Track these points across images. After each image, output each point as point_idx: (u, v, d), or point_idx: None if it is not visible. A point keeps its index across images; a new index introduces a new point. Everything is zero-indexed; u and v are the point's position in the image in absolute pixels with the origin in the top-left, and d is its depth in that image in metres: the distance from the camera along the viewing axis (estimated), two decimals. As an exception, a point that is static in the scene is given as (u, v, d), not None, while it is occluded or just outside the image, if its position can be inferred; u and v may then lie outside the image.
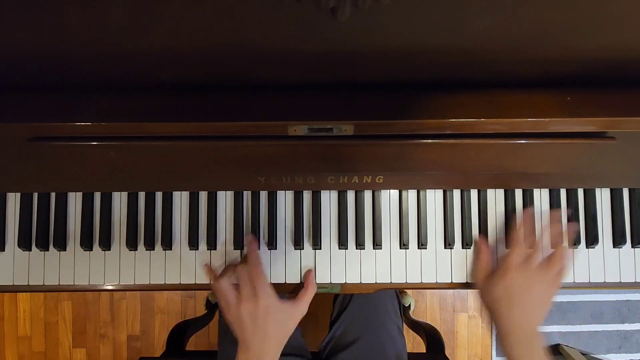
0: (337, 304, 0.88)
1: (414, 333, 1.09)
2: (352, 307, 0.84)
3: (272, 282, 0.70)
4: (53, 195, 0.70)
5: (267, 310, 0.60)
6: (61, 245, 0.69)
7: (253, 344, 0.60)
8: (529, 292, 0.60)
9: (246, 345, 0.60)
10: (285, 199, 0.70)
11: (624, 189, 0.70)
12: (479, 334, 1.51)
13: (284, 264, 0.70)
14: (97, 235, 0.70)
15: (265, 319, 0.60)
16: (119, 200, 0.70)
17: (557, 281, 0.63)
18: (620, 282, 0.69)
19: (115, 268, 0.70)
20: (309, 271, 0.69)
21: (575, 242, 0.69)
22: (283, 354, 0.78)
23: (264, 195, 0.70)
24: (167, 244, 0.69)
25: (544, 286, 0.61)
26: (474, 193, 0.70)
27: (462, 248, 0.70)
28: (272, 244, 0.69)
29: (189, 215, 0.70)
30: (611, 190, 0.70)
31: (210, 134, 0.55)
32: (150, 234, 0.69)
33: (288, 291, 0.70)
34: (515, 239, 0.64)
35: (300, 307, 0.64)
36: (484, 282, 0.64)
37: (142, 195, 0.70)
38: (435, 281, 0.70)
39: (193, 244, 0.69)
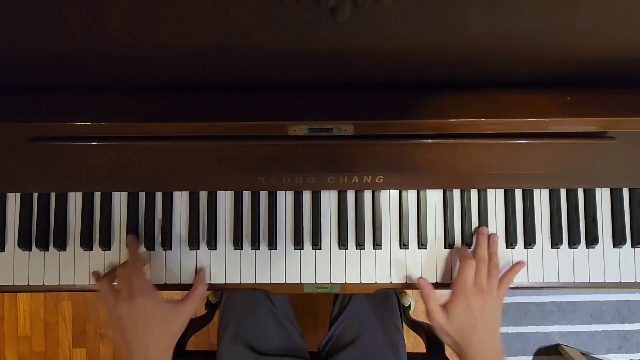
0: (337, 303, 0.88)
1: (414, 333, 1.09)
2: (352, 306, 0.84)
3: (272, 282, 0.70)
4: (53, 195, 0.70)
5: (145, 309, 0.58)
6: (61, 245, 0.69)
7: (136, 347, 0.57)
8: (486, 308, 0.61)
9: (129, 348, 0.57)
10: (285, 199, 0.70)
11: (624, 189, 0.70)
12: (479, 334, 1.51)
13: (283, 264, 0.70)
14: (97, 235, 0.70)
15: (144, 319, 0.57)
16: (119, 200, 0.70)
17: (504, 290, 0.65)
18: (620, 282, 0.69)
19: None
20: (201, 269, 0.68)
21: (575, 242, 0.69)
22: (281, 355, 0.78)
23: (264, 195, 0.70)
24: (167, 244, 0.69)
25: (494, 298, 0.63)
26: (474, 193, 0.70)
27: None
28: (272, 244, 0.69)
29: (189, 215, 0.70)
30: (611, 190, 0.70)
31: (210, 134, 0.55)
32: (150, 234, 0.69)
33: (288, 292, 0.70)
34: (462, 260, 0.65)
35: (186, 306, 0.62)
36: (443, 314, 0.63)
37: (142, 195, 0.70)
38: (435, 281, 0.70)
39: (193, 244, 0.69)
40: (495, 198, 0.70)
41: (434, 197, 0.70)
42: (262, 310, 0.81)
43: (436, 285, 0.70)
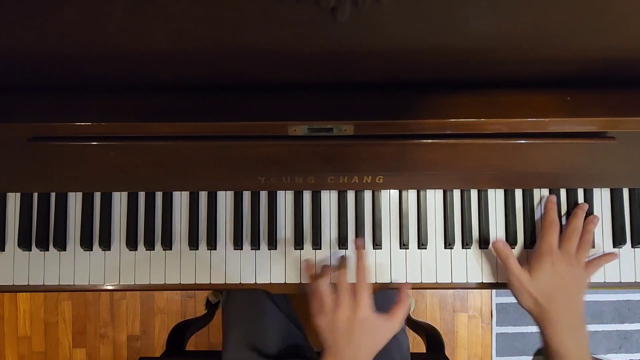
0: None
1: (414, 333, 1.09)
2: None
3: (272, 282, 0.70)
4: (53, 195, 0.70)
5: (364, 323, 0.58)
6: (61, 245, 0.69)
7: (344, 354, 0.58)
8: (572, 273, 0.59)
9: (336, 353, 0.58)
10: (285, 199, 0.70)
11: (624, 189, 0.70)
12: (479, 334, 1.51)
13: (283, 264, 0.70)
14: (97, 235, 0.70)
15: (360, 332, 0.58)
16: (119, 200, 0.70)
17: (592, 270, 0.63)
18: (620, 282, 0.69)
19: (115, 268, 0.70)
20: (402, 285, 0.65)
21: (575, 242, 0.69)
22: (287, 356, 0.78)
23: (264, 195, 0.70)
24: (167, 244, 0.69)
25: (581, 268, 0.61)
26: (474, 193, 0.70)
27: (462, 248, 0.70)
28: (272, 244, 0.69)
29: (189, 215, 0.70)
30: (611, 190, 0.70)
31: (210, 134, 0.55)
32: (150, 234, 0.69)
33: (288, 291, 0.70)
34: (551, 222, 0.63)
35: (394, 323, 0.61)
36: (526, 273, 0.61)
37: (142, 195, 0.70)
38: (435, 281, 0.70)
39: (193, 244, 0.69)
40: (495, 198, 0.70)
41: (434, 197, 0.70)
42: (266, 312, 0.81)
43: (436, 285, 0.70)
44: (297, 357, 0.79)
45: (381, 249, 0.70)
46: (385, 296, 0.84)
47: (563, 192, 0.70)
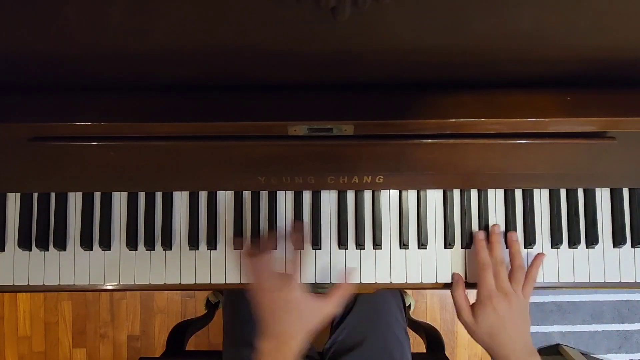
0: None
1: (414, 333, 1.09)
2: (356, 308, 0.83)
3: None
4: (53, 195, 0.70)
5: (296, 302, 0.59)
6: (61, 245, 0.69)
7: (273, 331, 0.59)
8: (512, 309, 0.62)
9: (265, 329, 0.59)
10: (285, 199, 0.70)
11: (624, 189, 0.70)
12: (479, 334, 1.51)
13: (284, 264, 0.70)
14: (97, 235, 0.70)
15: (286, 311, 0.59)
16: (119, 200, 0.70)
17: (530, 288, 0.65)
18: (620, 282, 0.70)
19: (115, 268, 0.70)
20: (351, 270, 0.67)
21: (575, 242, 0.69)
22: None
23: (264, 195, 0.70)
24: (167, 244, 0.69)
25: (520, 298, 0.63)
26: (474, 193, 0.70)
27: (462, 248, 0.70)
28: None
29: (189, 215, 0.70)
30: (611, 190, 0.70)
31: (210, 134, 0.55)
32: (150, 234, 0.69)
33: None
34: (482, 264, 0.65)
35: (327, 306, 0.62)
36: (471, 315, 0.64)
37: (142, 195, 0.70)
38: (435, 281, 0.70)
39: (193, 244, 0.69)
40: (495, 198, 0.70)
41: (434, 197, 0.70)
42: None
43: (436, 285, 0.70)
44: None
45: (381, 249, 0.70)
46: (386, 296, 0.85)
47: (563, 192, 0.70)
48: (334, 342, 0.83)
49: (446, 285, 0.70)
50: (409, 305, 1.42)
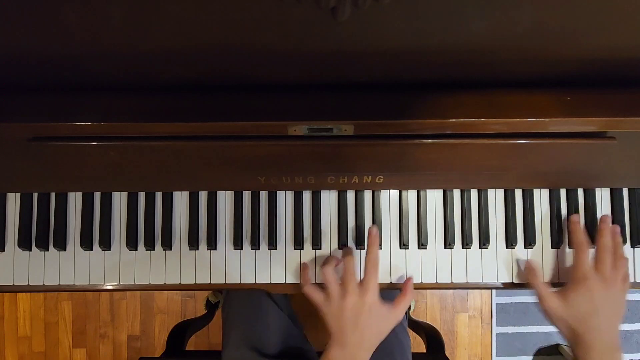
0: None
1: (414, 333, 1.09)
2: None
3: (272, 282, 0.70)
4: (53, 195, 0.70)
5: (371, 309, 0.59)
6: (61, 245, 0.69)
7: (350, 342, 0.58)
8: (609, 292, 0.58)
9: (342, 341, 0.59)
10: (285, 199, 0.70)
11: (624, 189, 0.70)
12: (479, 334, 1.51)
13: (283, 264, 0.70)
14: (97, 235, 0.70)
15: (367, 317, 0.58)
16: (119, 200, 0.70)
17: (627, 282, 0.61)
18: (620, 282, 0.69)
19: (115, 268, 0.70)
20: (408, 278, 0.66)
21: (575, 242, 0.69)
22: (287, 356, 0.78)
23: (264, 195, 0.70)
24: (167, 244, 0.69)
25: (618, 288, 0.60)
26: (474, 193, 0.70)
27: (462, 248, 0.70)
28: (272, 244, 0.69)
29: (189, 215, 0.70)
30: (611, 190, 0.70)
31: (210, 134, 0.55)
32: (150, 234, 0.69)
33: (288, 292, 0.70)
34: (579, 244, 0.62)
35: (397, 312, 0.62)
36: (559, 299, 0.60)
37: (142, 195, 0.70)
38: (435, 281, 0.70)
39: (193, 244, 0.69)
40: (495, 198, 0.70)
41: (434, 197, 0.70)
42: (267, 312, 0.81)
43: (436, 285, 0.70)
44: (298, 358, 0.79)
45: (381, 249, 0.70)
46: (386, 296, 0.85)
47: (563, 192, 0.70)
48: None
49: (444, 286, 0.70)
50: (409, 305, 1.42)
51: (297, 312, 0.89)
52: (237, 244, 0.70)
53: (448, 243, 0.69)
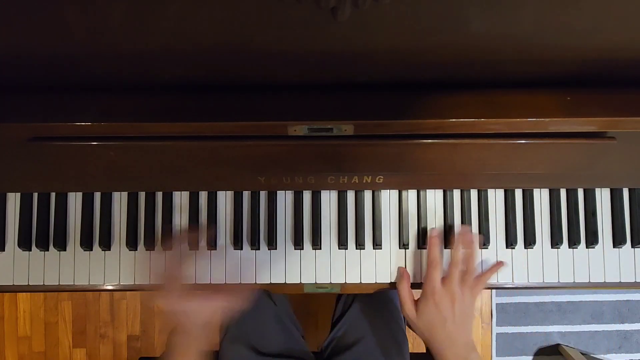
0: (339, 303, 0.88)
1: (414, 333, 1.09)
2: (355, 307, 0.84)
3: (272, 282, 0.70)
4: (53, 195, 0.70)
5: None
6: (61, 245, 0.69)
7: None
8: (454, 305, 0.62)
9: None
10: (285, 199, 0.70)
11: (624, 189, 0.70)
12: (479, 334, 1.51)
13: (283, 264, 0.70)
14: (97, 235, 0.70)
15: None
16: (119, 200, 0.70)
17: (478, 290, 0.65)
18: (620, 282, 0.69)
19: (115, 268, 0.70)
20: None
21: (575, 242, 0.69)
22: (283, 356, 0.78)
23: (263, 195, 0.70)
24: (167, 244, 0.69)
25: (465, 300, 0.63)
26: (474, 193, 0.70)
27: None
28: (272, 244, 0.69)
29: (189, 216, 0.70)
30: (611, 190, 0.70)
31: (210, 134, 0.55)
32: (150, 234, 0.69)
33: (288, 292, 0.70)
34: (431, 260, 0.65)
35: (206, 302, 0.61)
36: (414, 308, 0.64)
37: (142, 195, 0.70)
38: (435, 281, 0.70)
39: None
40: (495, 198, 0.70)
41: (434, 197, 0.70)
42: (264, 311, 0.81)
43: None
44: (295, 358, 0.79)
45: (381, 249, 0.70)
46: (384, 296, 0.85)
47: (563, 192, 0.70)
48: (333, 338, 0.83)
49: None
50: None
51: (296, 312, 0.89)
52: (237, 244, 0.70)
53: (448, 243, 0.69)
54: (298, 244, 0.69)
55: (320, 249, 0.70)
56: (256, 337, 0.78)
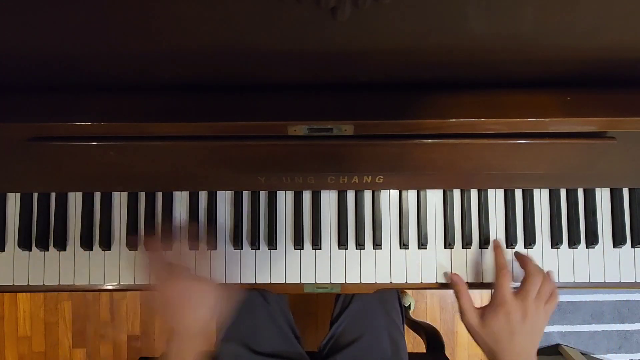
0: (338, 303, 0.88)
1: (414, 333, 1.09)
2: (353, 306, 0.84)
3: (272, 282, 0.70)
4: (53, 195, 0.70)
5: (190, 285, 0.58)
6: (61, 245, 0.69)
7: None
8: (527, 319, 0.60)
9: (170, 328, 0.58)
10: (285, 199, 0.70)
11: (624, 189, 0.70)
12: (479, 334, 1.51)
13: (284, 264, 0.70)
14: (97, 235, 0.70)
15: (188, 296, 0.58)
16: (119, 200, 0.70)
17: (551, 308, 0.62)
18: (620, 282, 0.70)
19: (115, 268, 0.70)
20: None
21: (575, 242, 0.69)
22: (278, 356, 0.78)
23: (263, 195, 0.70)
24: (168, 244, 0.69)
25: (540, 313, 0.61)
26: (474, 193, 0.70)
27: (462, 248, 0.70)
28: (272, 244, 0.69)
29: (189, 216, 0.70)
30: (611, 190, 0.70)
31: (210, 134, 0.55)
32: (150, 234, 0.69)
33: (288, 292, 0.70)
34: (500, 268, 0.64)
35: (215, 286, 0.60)
36: (478, 317, 0.62)
37: (142, 195, 0.70)
38: (435, 281, 0.70)
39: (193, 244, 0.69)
40: (496, 198, 0.70)
41: (434, 197, 0.70)
42: (257, 309, 0.81)
43: (436, 285, 0.70)
44: (287, 358, 0.79)
45: (381, 249, 0.70)
46: (383, 296, 0.85)
47: (563, 192, 0.70)
48: (331, 337, 0.84)
49: (445, 285, 0.70)
50: (409, 305, 1.42)
51: (294, 312, 0.89)
52: (237, 244, 0.70)
53: (448, 243, 0.69)
54: (298, 244, 0.69)
55: (320, 249, 0.70)
56: (249, 335, 0.79)
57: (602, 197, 0.70)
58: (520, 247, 0.70)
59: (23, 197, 0.70)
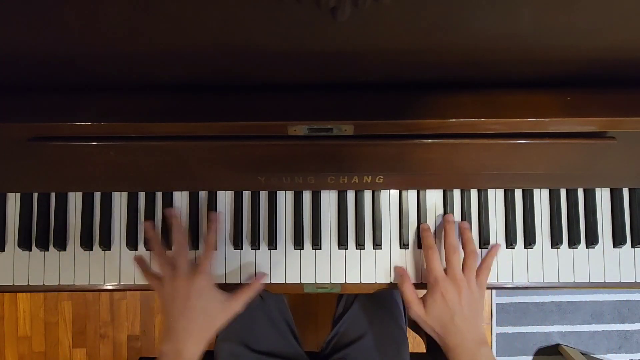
0: (341, 302, 0.88)
1: (414, 333, 1.09)
2: (356, 305, 0.84)
3: (272, 282, 0.70)
4: (53, 195, 0.70)
5: (201, 290, 0.59)
6: (61, 245, 0.69)
7: (178, 326, 0.57)
8: (462, 297, 0.60)
9: (169, 326, 0.58)
10: (285, 199, 0.70)
11: (624, 189, 0.70)
12: (479, 334, 1.51)
13: (284, 264, 0.70)
14: (97, 235, 0.70)
15: (196, 299, 0.58)
16: (119, 200, 0.70)
17: (484, 277, 0.63)
18: (620, 282, 0.70)
19: (115, 268, 0.70)
20: (261, 273, 0.68)
21: (575, 242, 0.69)
22: (276, 356, 0.78)
23: (264, 195, 0.70)
24: (167, 244, 0.69)
25: (472, 287, 0.61)
26: (473, 193, 0.70)
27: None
28: (272, 244, 0.69)
29: (189, 216, 0.70)
30: (611, 190, 0.70)
31: (210, 134, 0.55)
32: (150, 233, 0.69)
33: (288, 292, 0.70)
34: (427, 248, 0.64)
35: (235, 303, 0.62)
36: (421, 306, 0.62)
37: (142, 195, 0.70)
38: (435, 281, 0.70)
39: (193, 244, 0.69)
40: (495, 198, 0.70)
41: (434, 197, 0.70)
42: (254, 308, 0.81)
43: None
44: (285, 358, 0.79)
45: (381, 249, 0.70)
46: (385, 296, 0.85)
47: (563, 192, 0.70)
48: (334, 335, 0.84)
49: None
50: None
51: (294, 312, 0.89)
52: (237, 244, 0.70)
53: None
54: (298, 244, 0.69)
55: (321, 249, 0.70)
56: (246, 333, 0.79)
57: (602, 197, 0.70)
58: (520, 247, 0.70)
59: (23, 197, 0.70)
